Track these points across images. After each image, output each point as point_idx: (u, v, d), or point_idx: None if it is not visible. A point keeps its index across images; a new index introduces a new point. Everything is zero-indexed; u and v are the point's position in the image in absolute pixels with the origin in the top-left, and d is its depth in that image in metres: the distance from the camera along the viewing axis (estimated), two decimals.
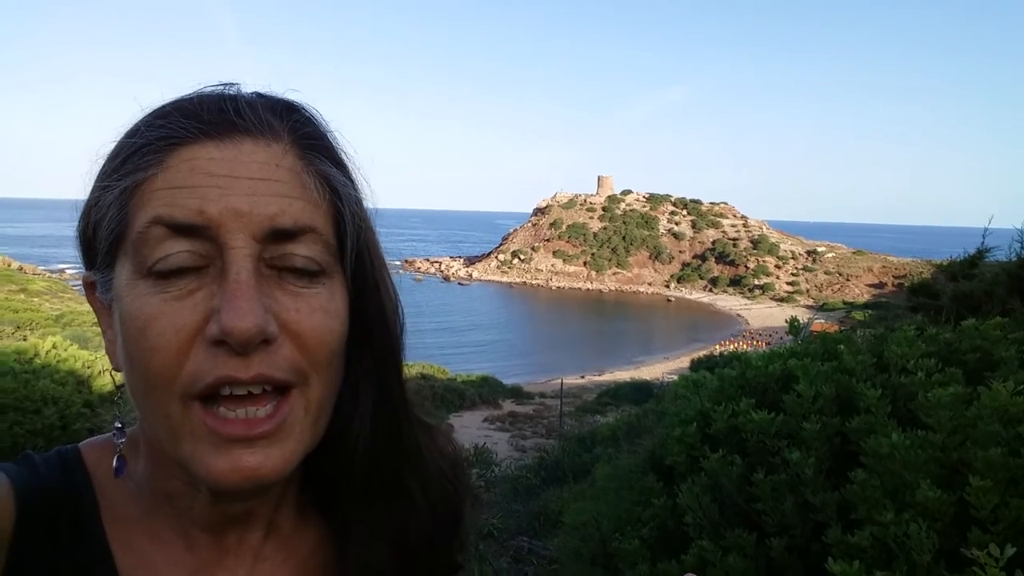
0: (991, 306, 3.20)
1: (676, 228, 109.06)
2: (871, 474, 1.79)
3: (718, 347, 51.51)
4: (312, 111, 0.66)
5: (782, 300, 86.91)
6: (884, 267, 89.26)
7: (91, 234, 0.62)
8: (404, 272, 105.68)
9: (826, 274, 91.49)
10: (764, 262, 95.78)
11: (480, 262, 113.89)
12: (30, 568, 0.59)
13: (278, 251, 0.59)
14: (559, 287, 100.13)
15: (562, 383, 27.85)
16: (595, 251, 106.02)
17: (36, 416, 6.99)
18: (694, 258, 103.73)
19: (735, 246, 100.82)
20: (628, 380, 33.80)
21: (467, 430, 18.60)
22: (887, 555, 1.63)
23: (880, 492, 1.73)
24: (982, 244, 4.18)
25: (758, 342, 52.71)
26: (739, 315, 79.51)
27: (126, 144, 0.60)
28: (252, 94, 0.64)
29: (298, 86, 0.67)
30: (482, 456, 10.85)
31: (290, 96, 0.66)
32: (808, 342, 3.00)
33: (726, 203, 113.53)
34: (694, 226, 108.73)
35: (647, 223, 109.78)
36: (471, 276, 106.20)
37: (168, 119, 0.59)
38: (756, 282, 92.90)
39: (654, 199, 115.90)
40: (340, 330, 0.63)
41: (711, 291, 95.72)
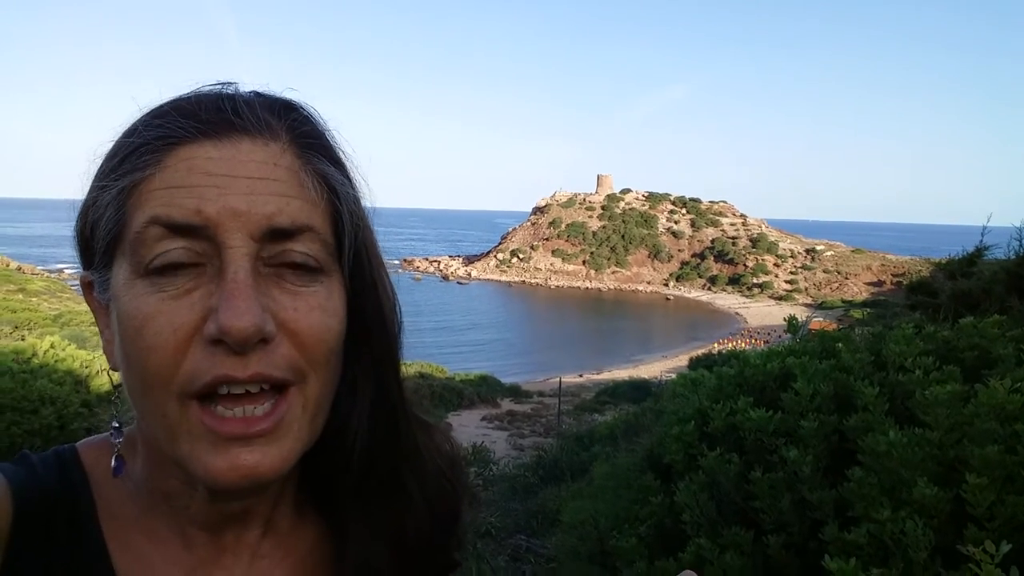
0: (989, 304, 3.21)
1: (675, 227, 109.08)
2: (868, 472, 1.80)
3: (716, 345, 51.58)
4: (310, 110, 0.66)
5: (781, 298, 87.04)
6: (883, 265, 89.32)
7: (88, 234, 0.62)
8: (403, 271, 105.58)
9: (825, 272, 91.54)
10: (763, 261, 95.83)
11: (479, 261, 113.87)
12: (27, 568, 0.59)
13: (276, 250, 0.59)
14: (558, 286, 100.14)
15: (560, 382, 27.88)
16: (594, 250, 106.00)
17: (34, 416, 6.98)
18: (693, 257, 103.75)
19: (734, 245, 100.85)
20: (626, 379, 33.84)
21: (465, 429, 18.60)
22: (884, 552, 1.63)
23: (877, 490, 1.74)
24: (980, 242, 4.19)
25: (756, 340, 52.71)
26: (738, 313, 79.59)
27: (124, 144, 0.60)
28: (250, 93, 0.64)
29: (297, 85, 0.66)
30: (480, 455, 10.84)
31: (288, 95, 0.66)
32: (806, 340, 3.00)
33: (725, 202, 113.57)
34: (693, 225, 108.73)
35: (646, 222, 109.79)
36: (470, 275, 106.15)
37: (166, 119, 0.59)
38: (755, 281, 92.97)
39: (653, 198, 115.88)
40: (338, 328, 0.63)
41: (710, 290, 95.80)
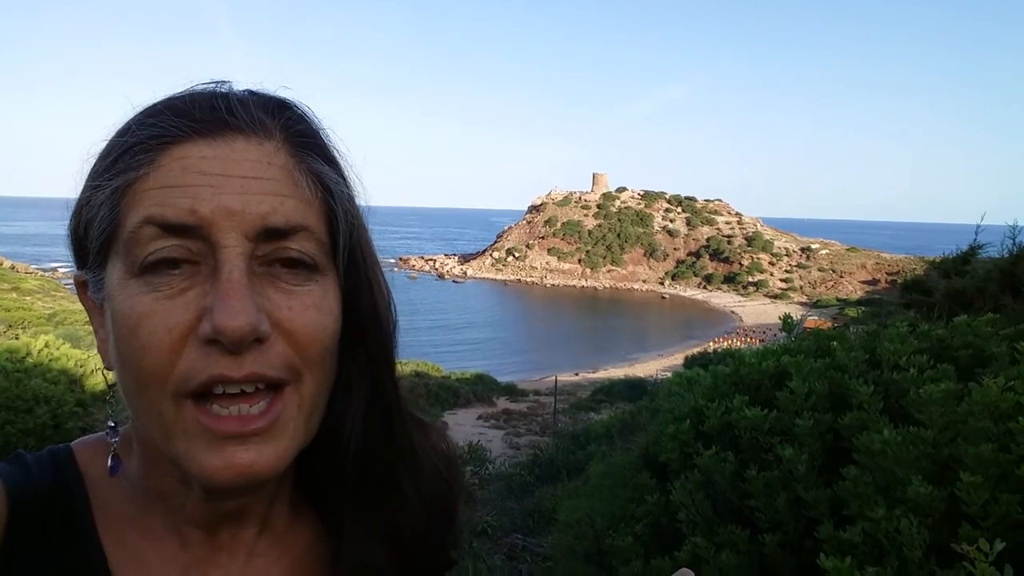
0: (983, 302, 3.23)
1: (671, 225, 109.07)
2: (863, 470, 1.80)
3: (712, 344, 51.69)
4: (304, 108, 0.66)
5: (776, 297, 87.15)
6: (877, 264, 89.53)
7: (82, 233, 0.62)
8: (399, 270, 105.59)
9: (820, 271, 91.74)
10: (758, 259, 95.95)
11: (475, 260, 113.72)
12: (22, 568, 0.58)
13: (270, 249, 0.59)
14: (554, 284, 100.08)
15: (556, 380, 27.88)
16: (590, 248, 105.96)
17: (28, 415, 6.95)
18: (688, 255, 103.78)
19: (729, 243, 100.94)
20: (622, 377, 33.89)
21: (461, 428, 18.58)
22: (878, 551, 1.63)
23: (872, 488, 1.74)
24: (974, 241, 4.21)
25: (752, 339, 52.79)
26: (733, 312, 79.67)
27: (117, 143, 0.60)
28: (244, 92, 0.64)
29: (295, 83, 0.66)
30: (476, 453, 10.85)
31: (282, 93, 0.66)
32: (801, 339, 3.01)
33: (720, 200, 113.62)
34: (688, 223, 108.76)
35: (642, 220, 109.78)
36: (466, 274, 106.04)
37: (159, 117, 0.59)
38: (750, 279, 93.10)
39: (649, 196, 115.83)
40: (333, 327, 0.63)
41: (705, 288, 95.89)
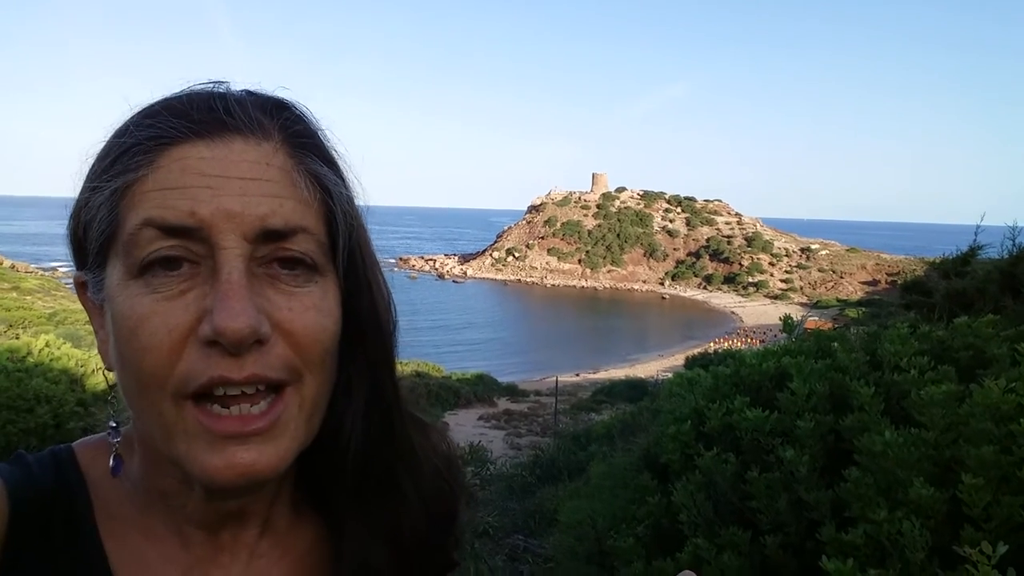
0: (983, 303, 3.22)
1: (670, 225, 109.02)
2: (864, 472, 1.80)
3: (712, 345, 51.68)
4: (302, 109, 0.66)
5: (776, 297, 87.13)
6: (877, 264, 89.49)
7: (81, 234, 0.62)
8: (399, 270, 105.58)
9: (820, 271, 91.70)
10: (758, 259, 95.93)
11: (475, 260, 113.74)
12: (24, 568, 0.58)
13: (269, 250, 0.59)
14: (554, 285, 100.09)
15: (557, 381, 27.90)
16: (589, 249, 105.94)
17: (29, 415, 6.96)
18: (688, 255, 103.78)
19: (729, 243, 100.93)
20: (623, 378, 33.89)
21: (462, 428, 18.59)
22: (880, 553, 1.63)
23: (873, 490, 1.74)
24: (974, 241, 4.21)
25: (752, 340, 52.79)
26: (733, 312, 79.65)
27: (115, 144, 0.60)
28: (241, 92, 0.64)
29: (295, 83, 0.66)
30: (477, 454, 10.85)
31: (280, 93, 0.66)
32: (802, 340, 3.00)
33: (720, 200, 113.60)
34: (688, 223, 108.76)
35: (641, 220, 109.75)
36: (466, 274, 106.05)
37: (158, 118, 0.59)
38: (750, 279, 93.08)
39: (648, 196, 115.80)
40: (333, 328, 0.63)
41: (705, 288, 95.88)
